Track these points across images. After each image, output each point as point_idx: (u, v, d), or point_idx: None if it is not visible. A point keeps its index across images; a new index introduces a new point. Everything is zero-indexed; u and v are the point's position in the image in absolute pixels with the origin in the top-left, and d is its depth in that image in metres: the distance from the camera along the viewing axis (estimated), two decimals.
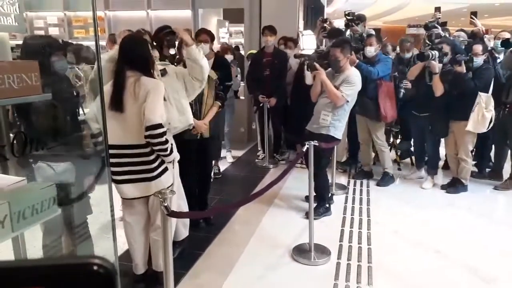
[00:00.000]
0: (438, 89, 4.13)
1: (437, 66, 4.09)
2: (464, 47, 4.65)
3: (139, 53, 2.41)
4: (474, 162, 5.22)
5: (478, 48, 4.13)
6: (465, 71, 4.03)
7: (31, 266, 0.25)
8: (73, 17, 6.71)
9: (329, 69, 3.77)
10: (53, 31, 6.55)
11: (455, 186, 4.44)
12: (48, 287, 0.24)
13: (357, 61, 4.16)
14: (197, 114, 3.23)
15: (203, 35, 3.95)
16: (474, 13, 5.06)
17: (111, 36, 4.55)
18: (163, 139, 2.39)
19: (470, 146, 4.30)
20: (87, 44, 2.90)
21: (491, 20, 18.85)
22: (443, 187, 4.57)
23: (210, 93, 3.32)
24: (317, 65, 3.65)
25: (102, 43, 3.76)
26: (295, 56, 5.30)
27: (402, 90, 4.57)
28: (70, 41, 5.78)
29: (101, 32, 6.64)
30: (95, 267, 0.25)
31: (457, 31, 5.10)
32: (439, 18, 5.10)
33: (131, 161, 2.41)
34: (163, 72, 2.71)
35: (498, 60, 4.54)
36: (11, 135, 1.77)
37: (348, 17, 5.10)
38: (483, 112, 4.03)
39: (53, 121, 2.12)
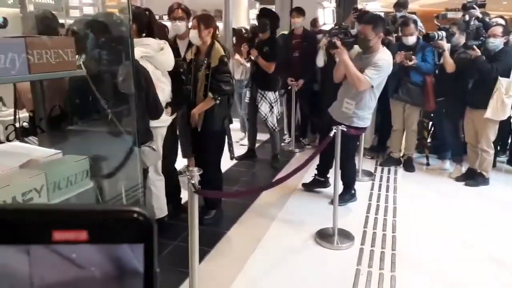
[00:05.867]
0: (449, 65, 4.11)
1: (445, 44, 4.14)
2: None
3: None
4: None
5: (497, 29, 3.92)
6: (479, 53, 3.88)
7: (75, 210, 0.27)
8: None
9: (355, 48, 3.42)
10: (87, 10, 6.65)
11: (474, 178, 4.21)
12: (90, 231, 0.26)
13: (415, 60, 4.12)
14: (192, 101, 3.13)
15: (177, 11, 3.41)
16: None
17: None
18: None
19: (491, 136, 4.06)
20: None
21: None
22: (458, 179, 4.35)
23: (203, 82, 2.99)
24: (338, 43, 3.19)
25: None
26: (314, 32, 5.12)
27: None
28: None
29: None
30: (135, 215, 0.27)
31: (495, 17, 4.86)
32: None
33: None
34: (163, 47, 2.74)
35: None
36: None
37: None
38: (503, 98, 3.80)
39: (88, 97, 2.17)
